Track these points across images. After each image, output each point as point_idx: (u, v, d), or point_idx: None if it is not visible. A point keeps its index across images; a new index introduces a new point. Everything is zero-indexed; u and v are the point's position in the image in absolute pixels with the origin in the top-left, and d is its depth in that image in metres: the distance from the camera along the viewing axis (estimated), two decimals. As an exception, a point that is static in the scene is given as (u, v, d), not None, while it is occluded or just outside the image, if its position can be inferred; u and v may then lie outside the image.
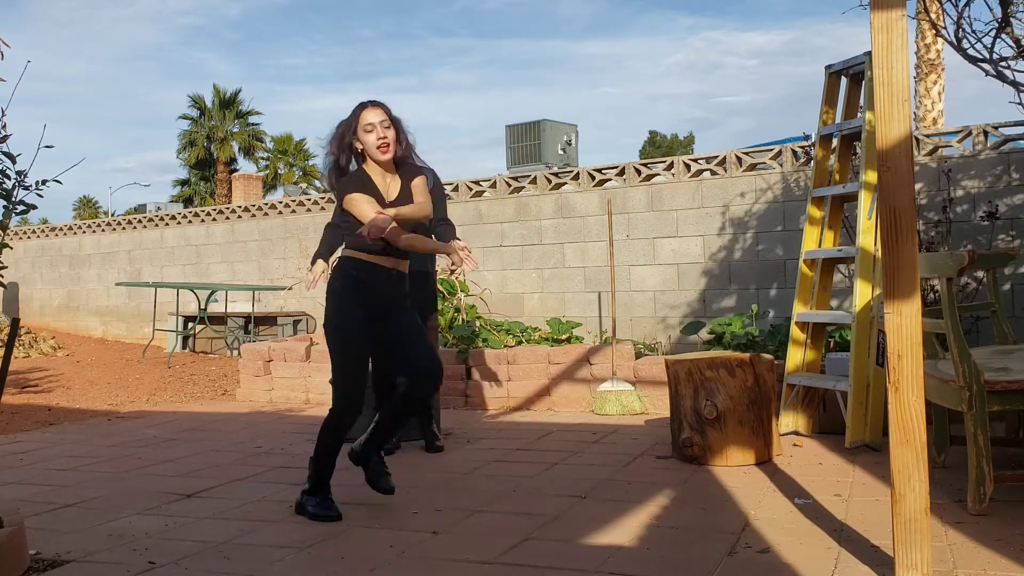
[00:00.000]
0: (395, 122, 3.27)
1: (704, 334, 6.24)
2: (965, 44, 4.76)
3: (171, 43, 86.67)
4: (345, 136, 3.27)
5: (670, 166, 7.03)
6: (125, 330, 11.03)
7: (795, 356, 4.61)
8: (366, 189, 3.21)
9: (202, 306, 9.23)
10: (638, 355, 5.76)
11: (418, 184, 3.31)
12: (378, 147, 3.22)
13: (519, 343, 6.32)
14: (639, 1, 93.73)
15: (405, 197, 3.27)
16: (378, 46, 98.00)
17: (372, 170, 3.28)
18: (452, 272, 3.50)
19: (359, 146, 3.25)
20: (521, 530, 2.92)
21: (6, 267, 3.12)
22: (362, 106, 3.27)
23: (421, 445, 4.55)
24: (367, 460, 3.39)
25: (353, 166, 3.34)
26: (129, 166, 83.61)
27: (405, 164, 3.34)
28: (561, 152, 8.87)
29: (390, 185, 3.29)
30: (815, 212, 4.70)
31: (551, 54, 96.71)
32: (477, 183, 7.87)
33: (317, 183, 32.96)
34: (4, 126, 2.85)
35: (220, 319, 9.49)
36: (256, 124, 32.57)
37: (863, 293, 4.22)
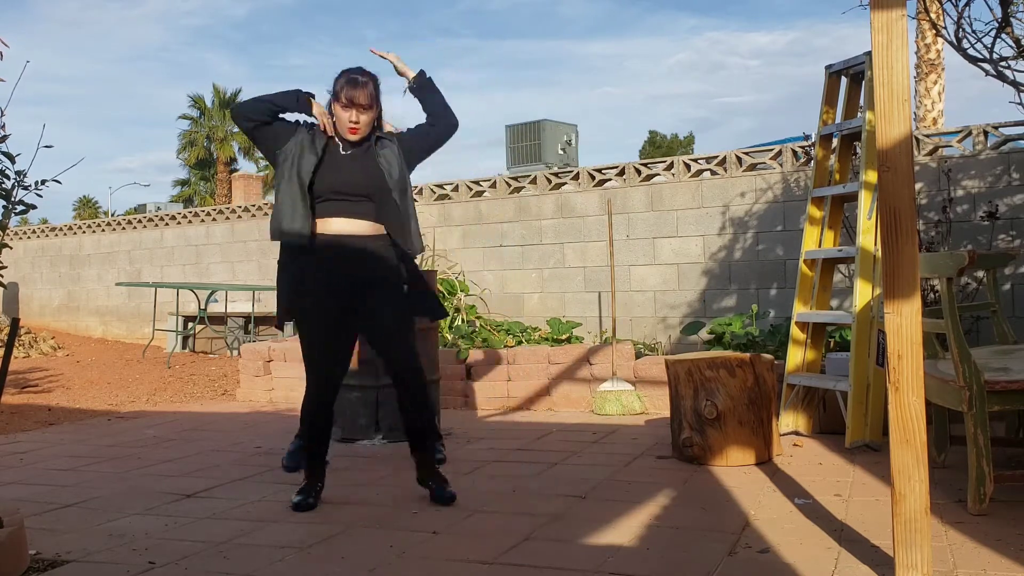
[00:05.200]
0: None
1: (704, 334, 6.24)
2: (965, 44, 4.76)
3: (177, 43, 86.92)
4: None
5: (670, 166, 7.03)
6: (125, 330, 11.03)
7: (795, 356, 4.61)
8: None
9: (202, 306, 9.23)
10: (638, 355, 5.75)
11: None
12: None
13: (519, 343, 6.32)
14: (643, 2, 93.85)
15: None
16: (383, 47, 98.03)
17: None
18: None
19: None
20: (521, 530, 2.92)
21: (6, 267, 3.11)
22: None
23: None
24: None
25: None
26: (132, 166, 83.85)
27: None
28: (561, 152, 8.88)
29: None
30: (815, 212, 4.70)
31: (554, 55, 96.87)
32: (477, 183, 7.87)
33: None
34: (3, 126, 2.85)
35: (220, 319, 9.49)
36: (256, 124, 32.57)
37: (863, 293, 4.22)
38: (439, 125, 3.51)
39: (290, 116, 3.37)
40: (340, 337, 3.36)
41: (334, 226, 3.27)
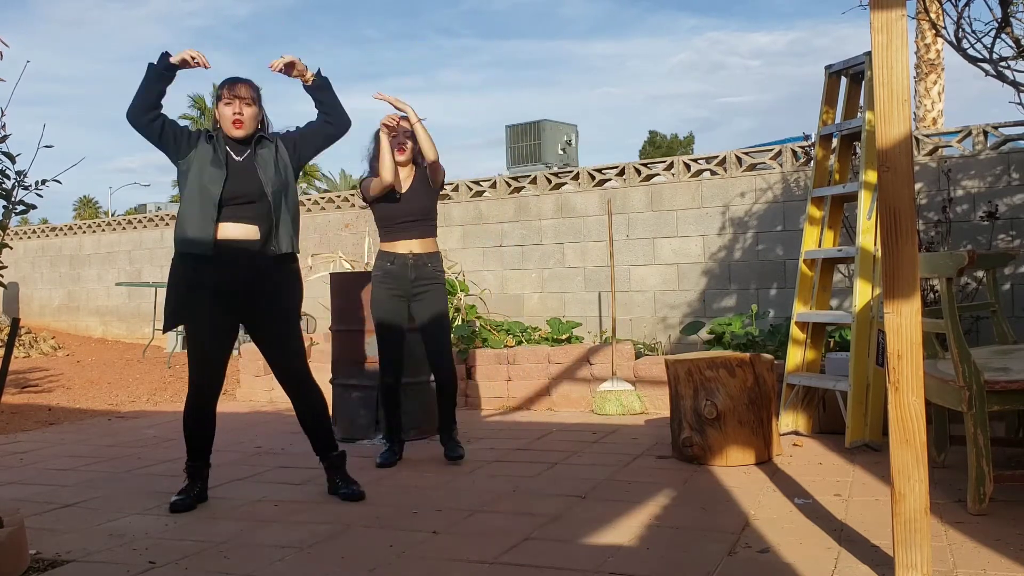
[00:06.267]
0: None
1: (704, 334, 6.24)
2: (965, 44, 4.76)
3: (179, 44, 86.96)
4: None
5: (670, 166, 7.03)
6: (125, 330, 11.03)
7: (795, 356, 4.61)
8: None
9: (202, 306, 9.22)
10: (638, 355, 5.75)
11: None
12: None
13: (519, 343, 6.32)
14: (644, 2, 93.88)
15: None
16: (384, 47, 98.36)
17: None
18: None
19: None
20: (521, 530, 2.92)
21: (6, 267, 3.12)
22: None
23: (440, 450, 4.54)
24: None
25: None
26: (133, 166, 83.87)
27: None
28: (561, 152, 8.87)
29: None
30: (815, 212, 4.70)
31: (555, 55, 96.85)
32: (477, 183, 7.87)
33: (317, 183, 32.95)
34: (4, 126, 2.85)
35: (220, 319, 9.47)
36: (256, 124, 32.53)
37: (863, 293, 4.22)
38: (335, 123, 3.54)
39: (191, 127, 3.42)
40: (223, 343, 3.44)
41: (224, 231, 3.31)
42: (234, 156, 3.37)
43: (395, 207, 4.13)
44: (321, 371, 6.26)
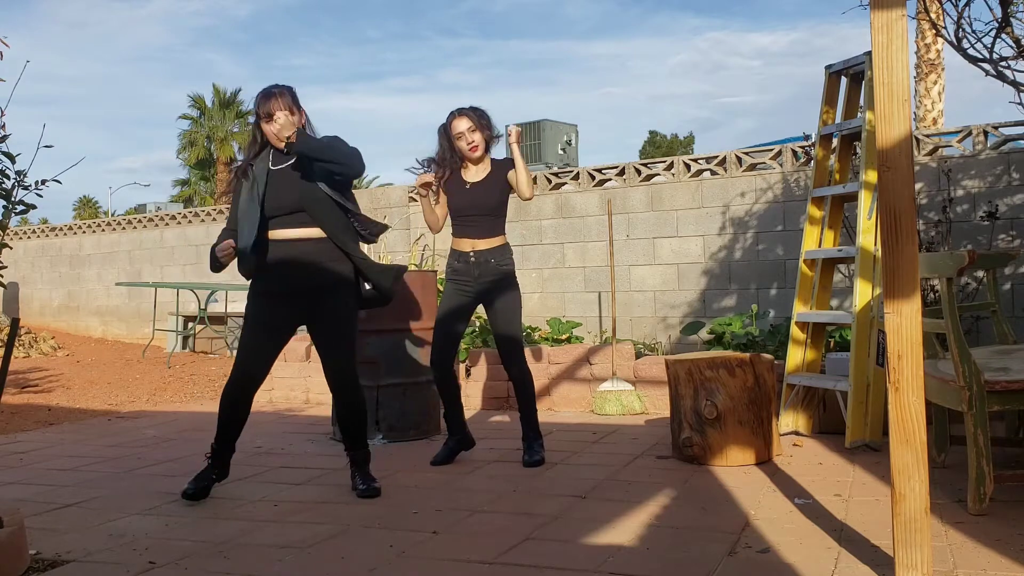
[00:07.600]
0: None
1: (704, 334, 6.24)
2: (965, 44, 4.76)
3: (180, 44, 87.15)
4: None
5: (670, 166, 7.03)
6: (125, 330, 11.03)
7: (795, 356, 4.61)
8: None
9: (202, 306, 9.23)
10: (638, 355, 5.75)
11: None
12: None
13: (519, 343, 6.31)
14: (646, 2, 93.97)
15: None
16: (385, 47, 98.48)
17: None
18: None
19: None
20: (521, 530, 2.92)
21: (6, 267, 3.12)
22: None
23: (426, 443, 4.54)
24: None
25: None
26: (134, 166, 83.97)
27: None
28: (561, 152, 8.87)
29: None
30: (815, 212, 4.70)
31: (556, 55, 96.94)
32: (477, 183, 7.87)
33: (317, 183, 32.94)
34: (3, 126, 2.85)
35: (220, 319, 9.49)
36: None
37: (863, 293, 4.22)
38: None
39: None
40: (271, 340, 3.56)
41: (276, 235, 3.46)
42: (271, 166, 3.51)
43: (463, 201, 4.05)
44: (322, 371, 6.26)
